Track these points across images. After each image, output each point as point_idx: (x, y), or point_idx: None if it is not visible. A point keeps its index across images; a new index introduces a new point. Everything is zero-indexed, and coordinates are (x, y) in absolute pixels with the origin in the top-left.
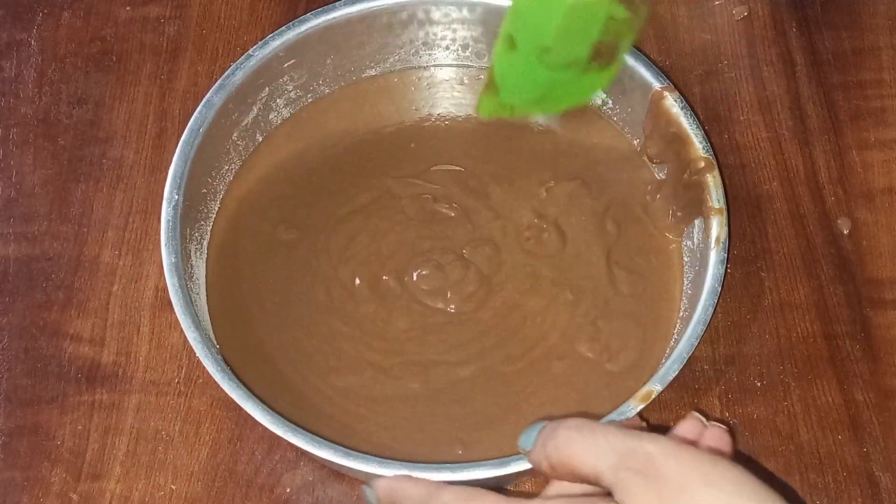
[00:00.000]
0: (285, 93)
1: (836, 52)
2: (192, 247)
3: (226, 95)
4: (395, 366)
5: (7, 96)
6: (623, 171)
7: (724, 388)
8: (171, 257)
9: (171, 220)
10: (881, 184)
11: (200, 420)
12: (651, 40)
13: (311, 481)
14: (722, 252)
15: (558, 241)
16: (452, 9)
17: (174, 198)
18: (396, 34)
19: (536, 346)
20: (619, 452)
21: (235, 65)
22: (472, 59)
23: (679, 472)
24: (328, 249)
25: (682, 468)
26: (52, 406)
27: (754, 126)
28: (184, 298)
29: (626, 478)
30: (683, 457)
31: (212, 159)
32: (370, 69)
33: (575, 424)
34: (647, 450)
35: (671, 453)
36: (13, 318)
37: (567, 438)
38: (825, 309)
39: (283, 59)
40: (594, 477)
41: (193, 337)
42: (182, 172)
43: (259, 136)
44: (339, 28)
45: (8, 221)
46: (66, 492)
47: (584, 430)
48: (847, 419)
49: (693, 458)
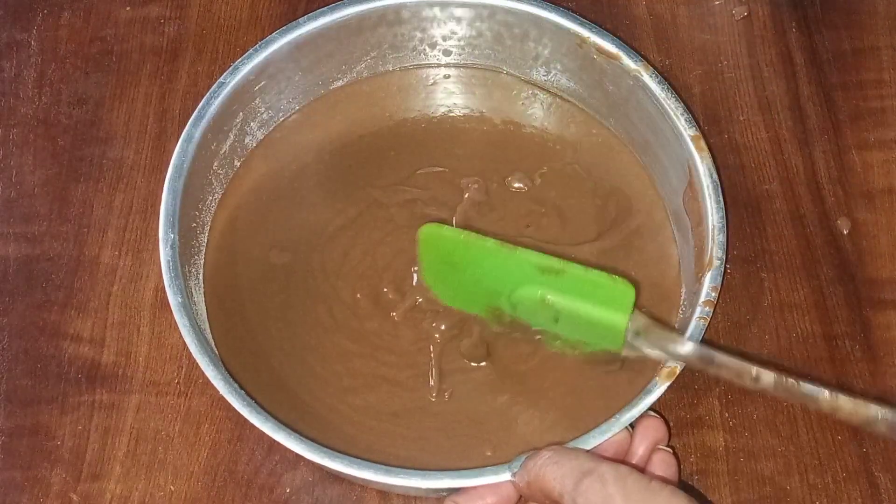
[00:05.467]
0: (258, 115)
1: (836, 52)
2: (192, 283)
3: (204, 127)
4: (410, 378)
5: (7, 96)
6: (612, 160)
7: (723, 388)
8: (178, 297)
9: (170, 259)
10: (881, 184)
11: (200, 420)
12: (651, 40)
13: (311, 482)
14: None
15: (559, 223)
16: (424, 7)
17: (170, 237)
18: (365, 38)
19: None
20: (581, 472)
21: (209, 94)
22: (439, 58)
23: (624, 495)
24: (324, 268)
25: (627, 491)
26: (52, 406)
27: (754, 126)
28: (197, 337)
29: (581, 501)
30: (630, 481)
31: (197, 192)
32: (338, 80)
33: (551, 449)
34: (601, 472)
35: (621, 477)
36: (13, 318)
37: (543, 460)
38: (825, 309)
39: (254, 82)
40: (558, 495)
41: (214, 375)
42: (174, 210)
43: (237, 161)
44: (308, 42)
45: (8, 221)
46: (66, 492)
47: (556, 454)
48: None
49: (638, 483)
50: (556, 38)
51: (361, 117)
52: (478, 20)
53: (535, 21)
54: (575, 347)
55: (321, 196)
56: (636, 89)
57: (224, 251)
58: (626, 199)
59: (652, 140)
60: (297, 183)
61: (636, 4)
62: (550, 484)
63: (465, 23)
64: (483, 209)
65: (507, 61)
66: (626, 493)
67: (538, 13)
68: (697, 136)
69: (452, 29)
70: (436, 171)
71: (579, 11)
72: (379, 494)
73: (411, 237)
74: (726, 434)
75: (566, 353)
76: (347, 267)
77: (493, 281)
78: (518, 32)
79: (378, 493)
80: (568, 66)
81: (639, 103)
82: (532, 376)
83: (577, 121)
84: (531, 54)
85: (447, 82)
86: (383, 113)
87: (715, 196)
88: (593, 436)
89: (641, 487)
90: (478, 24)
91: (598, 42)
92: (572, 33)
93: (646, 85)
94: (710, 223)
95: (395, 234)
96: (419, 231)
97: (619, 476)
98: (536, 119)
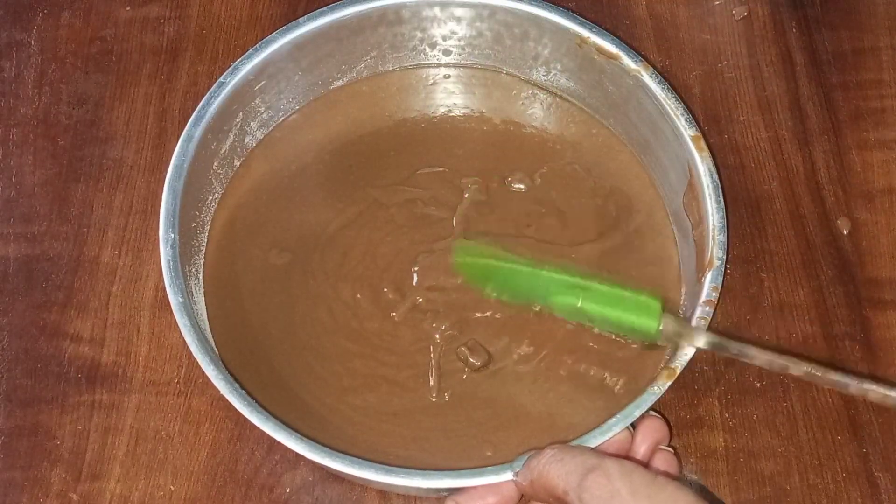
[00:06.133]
0: (258, 115)
1: (836, 52)
2: (192, 283)
3: (204, 126)
4: (410, 378)
5: (7, 96)
6: (612, 161)
7: (723, 388)
8: (178, 297)
9: (171, 259)
10: (881, 184)
11: (200, 420)
12: (651, 40)
13: (311, 481)
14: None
15: (559, 223)
16: (424, 7)
17: (170, 237)
18: (365, 38)
19: (545, 344)
20: (586, 469)
21: (209, 94)
22: (439, 58)
23: (631, 490)
24: (324, 268)
25: (633, 486)
26: (52, 406)
27: (754, 126)
28: (197, 336)
29: (587, 496)
30: (636, 476)
31: (197, 192)
32: (338, 80)
33: (554, 448)
34: (606, 467)
35: (626, 472)
36: (13, 318)
37: (546, 458)
38: (825, 309)
39: (254, 81)
40: (563, 492)
41: (214, 374)
42: (174, 210)
43: (237, 161)
44: (308, 42)
45: (8, 221)
46: (66, 492)
47: (560, 452)
48: (846, 420)
49: (644, 478)
50: (555, 38)
51: (361, 117)
52: (478, 20)
53: (534, 21)
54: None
55: (321, 196)
56: (636, 89)
57: (224, 251)
58: (626, 199)
59: (652, 140)
60: (297, 183)
61: (636, 4)
62: (555, 481)
63: (465, 23)
64: (483, 209)
65: (506, 61)
66: (632, 488)
67: (538, 13)
68: (697, 136)
69: (452, 29)
70: (436, 171)
71: (579, 11)
72: (379, 494)
73: (411, 237)
74: (726, 434)
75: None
76: (347, 267)
77: (526, 291)
78: (518, 32)
79: (378, 494)
80: (568, 65)
81: (639, 103)
82: (532, 377)
83: (577, 121)
84: (531, 54)
85: (447, 82)
86: (383, 113)
87: (715, 196)
88: (594, 436)
89: (647, 482)
90: (478, 23)
91: (597, 42)
92: (572, 33)
93: (646, 85)
94: (711, 223)
95: (395, 234)
96: (453, 246)
97: (624, 471)
98: (536, 119)
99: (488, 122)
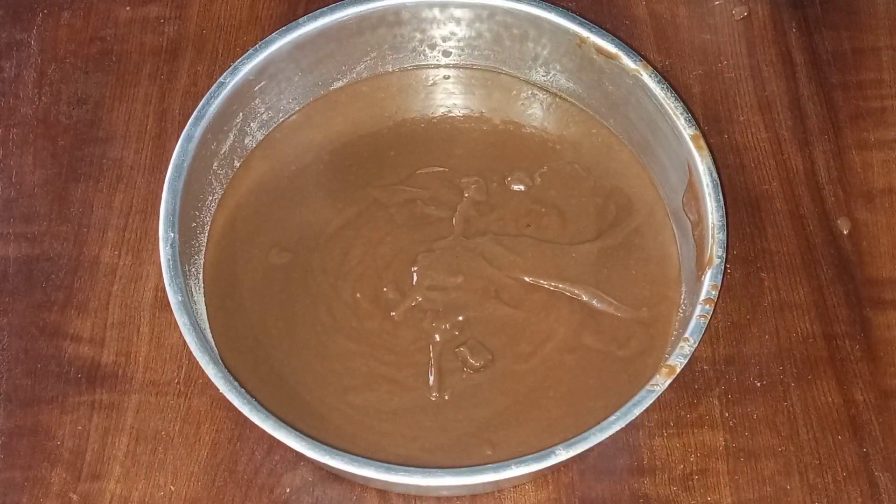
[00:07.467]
0: (258, 115)
1: (836, 52)
2: (192, 283)
3: (204, 126)
4: (410, 377)
5: (7, 96)
6: (612, 160)
7: (723, 388)
8: (178, 297)
9: (170, 259)
10: (881, 184)
11: (200, 420)
12: (651, 40)
13: (311, 481)
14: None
15: (559, 223)
16: (423, 8)
17: (170, 236)
18: (365, 39)
19: (545, 343)
20: None
21: (209, 94)
22: (439, 58)
23: None
24: (324, 268)
25: None
26: (52, 406)
27: (754, 126)
28: (197, 336)
29: None
30: None
31: (197, 192)
32: (338, 80)
33: None
34: None
35: None
36: (13, 318)
37: None
38: (825, 309)
39: (254, 82)
40: None
41: (214, 373)
42: (173, 210)
43: (237, 161)
44: (308, 42)
45: (8, 221)
46: (66, 492)
47: None
48: (847, 419)
49: None
50: (555, 38)
51: (361, 117)
52: (477, 21)
53: (534, 21)
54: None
55: (321, 196)
56: (636, 89)
57: (224, 251)
58: (626, 199)
59: (651, 139)
60: (297, 183)
61: (636, 4)
62: None
63: (465, 24)
64: (483, 209)
65: (506, 62)
66: None
67: (537, 13)
68: (697, 135)
69: (452, 30)
70: (436, 171)
71: (579, 11)
72: (379, 494)
73: (411, 237)
74: (726, 434)
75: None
76: (347, 267)
77: None
78: (517, 33)
79: (378, 493)
80: (567, 66)
81: (638, 103)
82: (532, 376)
83: (577, 121)
84: (530, 55)
85: (447, 83)
86: (383, 113)
87: (715, 195)
88: (593, 434)
89: None
90: (477, 24)
91: (597, 42)
92: (572, 33)
93: (645, 85)
94: (710, 222)
95: (395, 234)
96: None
97: None
98: (536, 119)
99: (488, 122)
